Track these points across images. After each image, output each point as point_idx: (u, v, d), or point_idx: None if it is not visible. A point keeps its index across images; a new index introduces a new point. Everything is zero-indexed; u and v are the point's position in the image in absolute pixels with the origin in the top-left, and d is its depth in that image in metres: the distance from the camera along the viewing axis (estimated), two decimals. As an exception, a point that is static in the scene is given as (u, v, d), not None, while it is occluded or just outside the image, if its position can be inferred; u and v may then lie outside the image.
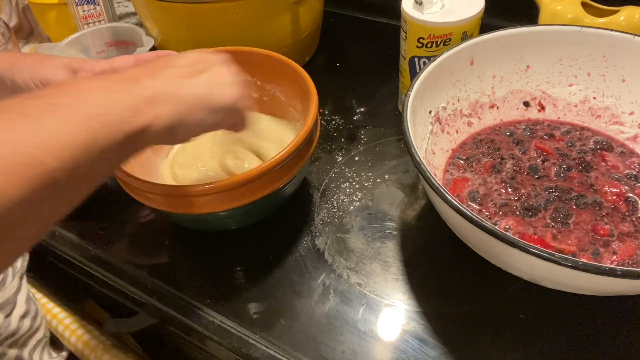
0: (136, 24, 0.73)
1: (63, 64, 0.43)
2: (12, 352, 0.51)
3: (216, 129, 0.39)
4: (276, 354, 0.43)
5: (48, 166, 0.25)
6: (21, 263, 0.53)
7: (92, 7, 0.75)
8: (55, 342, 0.58)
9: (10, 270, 0.51)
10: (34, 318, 0.53)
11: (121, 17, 0.93)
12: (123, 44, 0.73)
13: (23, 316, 0.51)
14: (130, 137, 0.30)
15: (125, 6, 0.97)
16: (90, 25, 0.75)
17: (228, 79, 0.38)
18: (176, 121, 0.34)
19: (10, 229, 0.25)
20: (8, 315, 0.49)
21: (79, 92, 0.29)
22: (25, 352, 0.52)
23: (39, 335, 0.54)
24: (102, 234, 0.56)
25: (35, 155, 0.25)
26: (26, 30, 0.90)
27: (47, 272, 0.61)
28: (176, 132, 0.34)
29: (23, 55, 0.46)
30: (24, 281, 0.53)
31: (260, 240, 0.53)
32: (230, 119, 0.39)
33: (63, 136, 0.26)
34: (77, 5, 0.74)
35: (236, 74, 0.39)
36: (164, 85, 0.33)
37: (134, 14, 0.94)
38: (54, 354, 0.57)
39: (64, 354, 0.58)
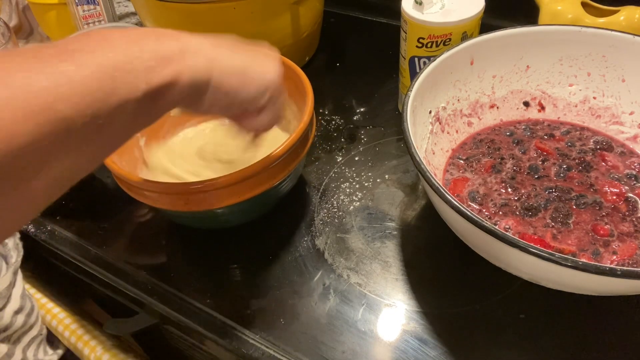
0: (136, 24, 0.74)
1: None
2: (4, 347, 0.50)
3: (245, 108, 0.35)
4: (276, 354, 0.43)
5: (59, 113, 0.23)
6: (15, 258, 0.53)
7: (92, 7, 0.75)
8: (51, 340, 0.58)
9: (3, 263, 0.50)
10: (29, 314, 0.53)
11: (121, 17, 0.93)
12: (123, 44, 0.73)
13: (17, 312, 0.51)
14: (154, 90, 0.27)
15: (125, 6, 0.97)
16: (90, 25, 0.75)
17: (271, 53, 0.35)
18: (208, 77, 0.30)
19: (20, 178, 0.23)
20: (1, 310, 0.49)
21: (101, 40, 0.27)
22: (19, 349, 0.52)
23: (33, 332, 0.54)
24: (102, 234, 0.56)
25: (44, 100, 0.23)
26: (26, 30, 0.90)
27: (47, 271, 0.61)
28: (205, 94, 0.31)
29: None
30: (19, 277, 0.53)
31: (260, 240, 0.53)
32: (262, 99, 0.35)
33: (76, 82, 0.24)
34: (77, 5, 0.74)
35: (276, 52, 0.36)
36: (200, 42, 0.30)
37: (134, 14, 0.94)
38: (50, 351, 0.57)
39: (60, 351, 0.58)
